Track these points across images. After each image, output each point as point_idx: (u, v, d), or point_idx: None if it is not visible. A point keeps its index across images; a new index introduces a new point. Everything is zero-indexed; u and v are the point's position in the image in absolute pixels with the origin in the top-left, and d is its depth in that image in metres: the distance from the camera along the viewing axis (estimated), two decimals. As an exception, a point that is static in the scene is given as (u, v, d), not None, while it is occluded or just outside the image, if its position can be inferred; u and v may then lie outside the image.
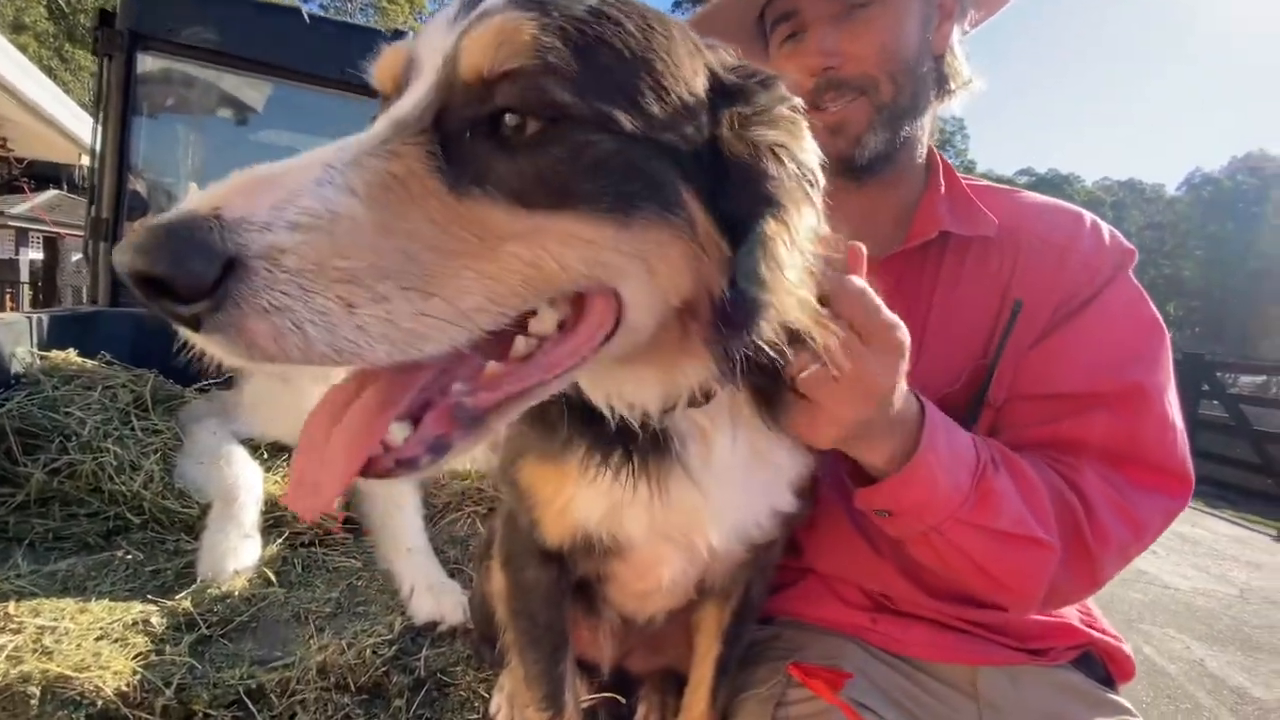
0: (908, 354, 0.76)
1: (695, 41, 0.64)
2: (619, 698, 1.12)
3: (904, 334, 0.75)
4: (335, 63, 2.54)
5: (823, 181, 0.66)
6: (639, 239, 0.56)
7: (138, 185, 2.39)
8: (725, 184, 0.60)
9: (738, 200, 0.61)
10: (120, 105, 2.25)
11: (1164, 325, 1.01)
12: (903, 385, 0.79)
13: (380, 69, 0.61)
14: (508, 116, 0.53)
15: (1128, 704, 1.00)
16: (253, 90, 2.80)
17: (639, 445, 0.75)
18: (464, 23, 0.55)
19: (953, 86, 1.09)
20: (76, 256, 10.51)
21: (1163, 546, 6.20)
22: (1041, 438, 0.95)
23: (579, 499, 0.81)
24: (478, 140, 0.53)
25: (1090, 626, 1.06)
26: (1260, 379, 15.31)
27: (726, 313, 0.61)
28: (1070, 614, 1.06)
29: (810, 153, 0.65)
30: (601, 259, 0.55)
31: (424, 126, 0.53)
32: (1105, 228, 1.06)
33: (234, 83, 2.70)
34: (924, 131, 1.10)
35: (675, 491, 0.78)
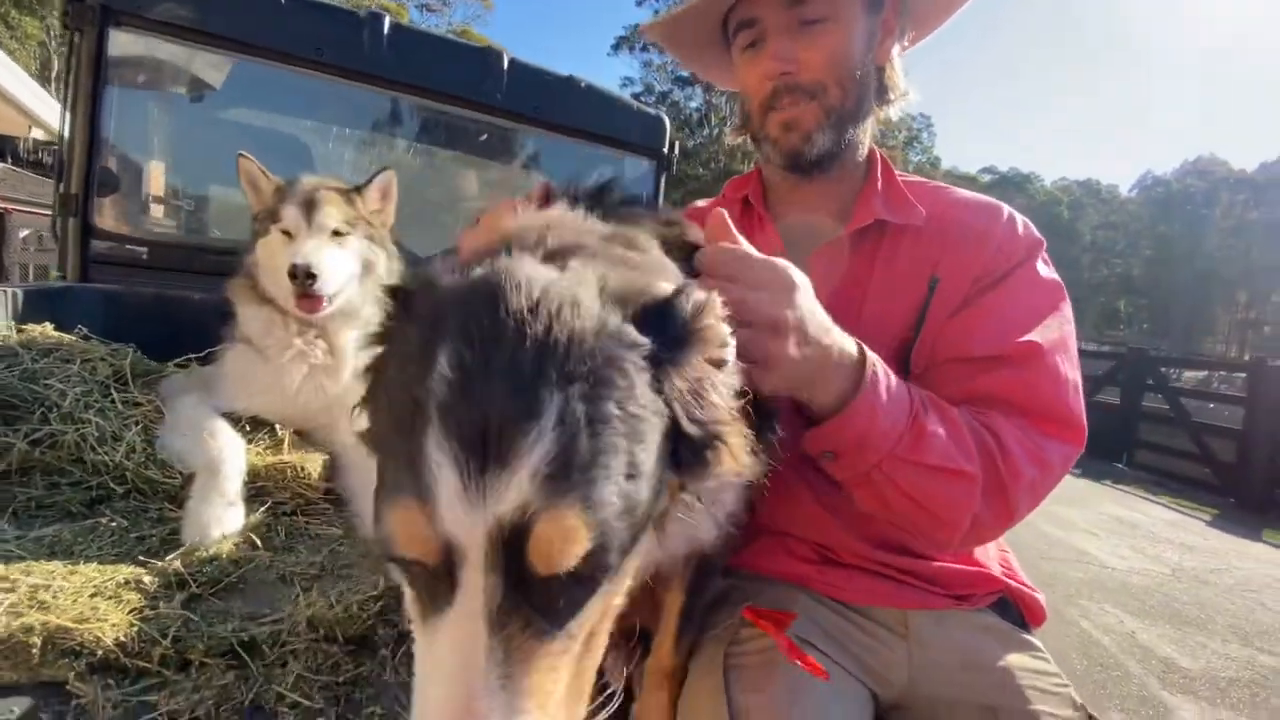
0: (799, 284, 0.86)
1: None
2: None
3: (785, 267, 0.85)
4: (309, 42, 2.54)
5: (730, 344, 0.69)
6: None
7: (109, 161, 2.37)
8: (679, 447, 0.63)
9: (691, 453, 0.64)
10: (91, 81, 2.22)
11: (1066, 296, 1.16)
12: (822, 321, 0.89)
13: (408, 541, 0.55)
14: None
15: (1038, 643, 1.14)
16: (212, 69, 2.77)
17: None
18: (498, 506, 0.51)
19: (892, 97, 1.25)
20: (25, 232, 10.10)
21: (1102, 529, 6.56)
22: (958, 395, 1.08)
23: None
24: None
25: (1009, 576, 1.20)
26: (1203, 374, 16.08)
27: None
28: (992, 565, 1.19)
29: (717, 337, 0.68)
30: None
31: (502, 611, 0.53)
32: (1020, 219, 1.20)
33: (192, 60, 2.68)
34: (865, 134, 1.27)
35: None
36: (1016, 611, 1.19)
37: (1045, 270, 1.17)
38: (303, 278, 1.70)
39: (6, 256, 8.51)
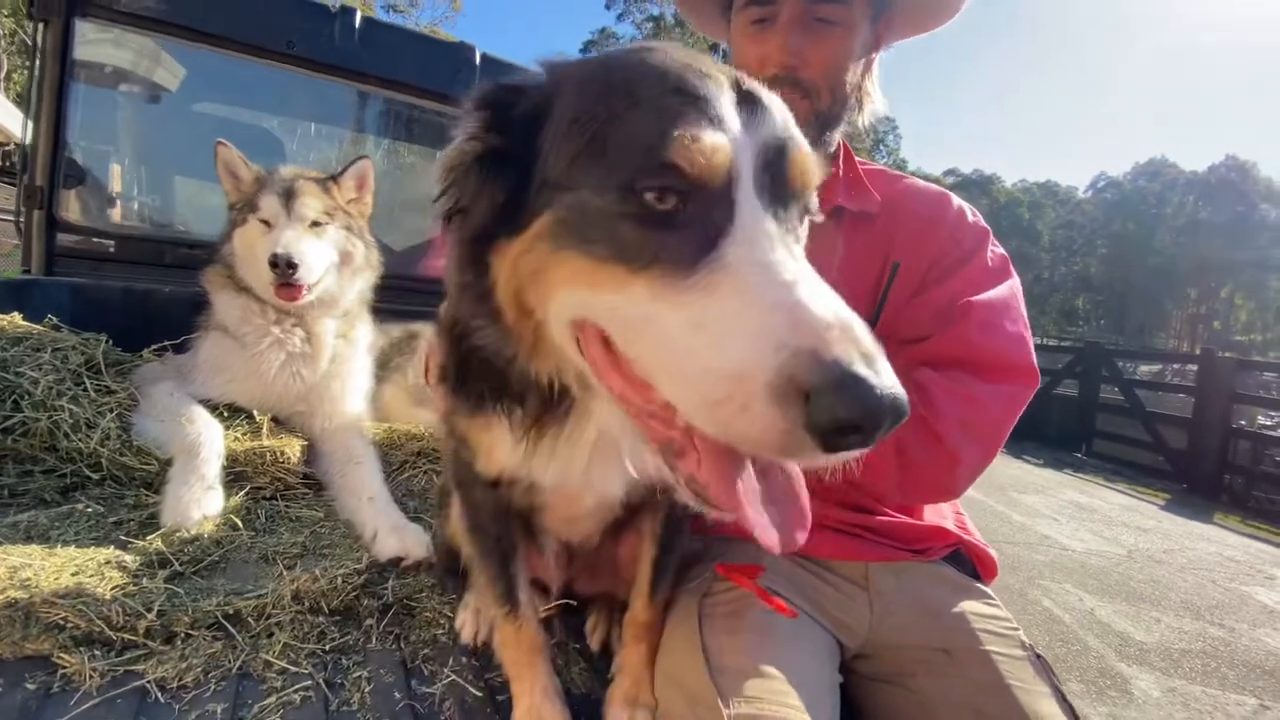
0: None
1: None
2: (572, 602, 1.27)
3: None
4: (279, 34, 2.54)
5: None
6: None
7: (74, 154, 2.34)
8: None
9: None
10: (57, 72, 2.20)
11: (1011, 268, 1.24)
12: None
13: (710, 159, 0.61)
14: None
15: (990, 591, 1.22)
16: (167, 72, 2.74)
17: (538, 413, 0.87)
18: (770, 137, 0.66)
19: (864, 106, 1.29)
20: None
21: (1063, 515, 6.79)
22: (910, 369, 1.16)
23: (498, 447, 0.94)
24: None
25: (963, 530, 1.27)
26: (1157, 366, 16.71)
27: None
28: (947, 521, 1.27)
29: None
30: None
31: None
32: (968, 208, 1.29)
33: (147, 63, 2.65)
34: (837, 135, 1.31)
35: (565, 451, 0.90)
36: (970, 564, 1.27)
37: (992, 252, 1.24)
38: (284, 267, 1.72)
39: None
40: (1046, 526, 6.30)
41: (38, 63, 2.20)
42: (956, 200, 1.31)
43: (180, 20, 2.37)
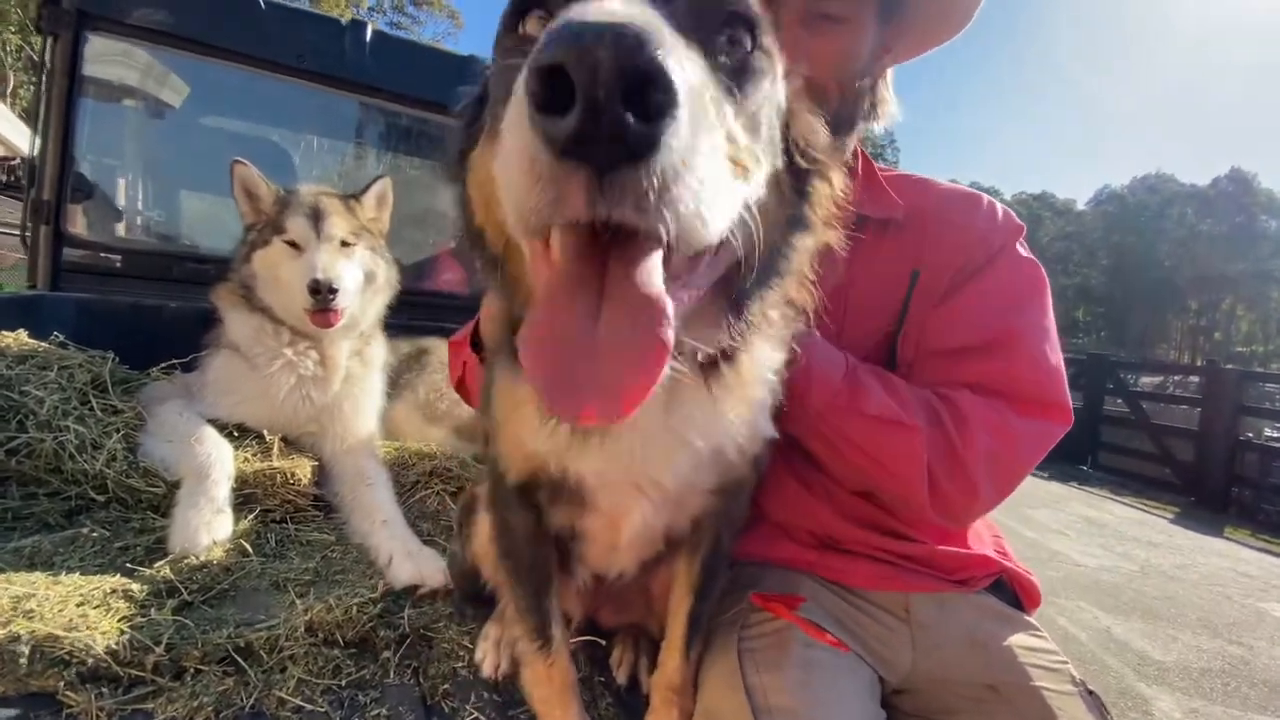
0: None
1: None
2: (599, 640, 1.22)
3: None
4: (288, 48, 2.52)
5: None
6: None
7: (81, 168, 2.31)
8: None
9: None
10: (65, 86, 2.17)
11: (1046, 280, 1.18)
12: None
13: None
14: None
15: (1035, 622, 1.17)
16: (170, 90, 2.73)
17: None
18: None
19: (880, 112, 1.24)
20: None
21: (1072, 530, 6.72)
22: (941, 384, 1.11)
23: (529, 424, 0.83)
24: None
25: (1003, 556, 1.22)
26: (1159, 378, 16.64)
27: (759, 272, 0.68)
28: (987, 549, 1.22)
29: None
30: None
31: None
32: (1000, 207, 1.23)
33: (153, 80, 2.63)
34: (853, 141, 1.26)
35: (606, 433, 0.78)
36: (1012, 593, 1.22)
37: (1024, 254, 1.19)
38: (325, 293, 1.69)
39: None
40: (1057, 542, 6.22)
41: (45, 78, 2.17)
42: (987, 199, 1.25)
43: (190, 34, 2.35)
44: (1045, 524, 6.81)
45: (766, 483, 1.18)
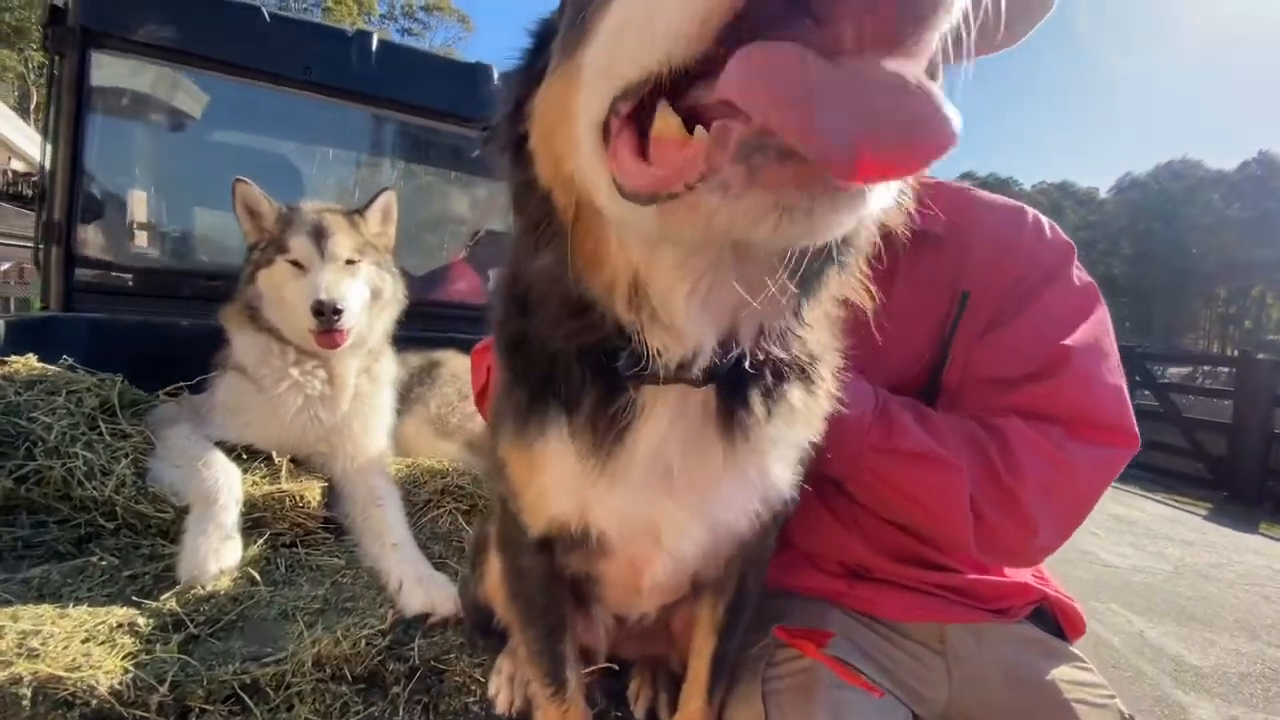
0: None
1: None
2: (613, 665, 1.17)
3: None
4: (296, 62, 2.51)
5: None
6: None
7: (91, 187, 2.31)
8: None
9: None
10: (73, 105, 2.17)
11: (1102, 301, 1.10)
12: None
13: None
14: None
15: (1079, 653, 1.10)
16: (190, 99, 2.73)
17: (603, 415, 0.72)
18: None
19: None
20: (6, 265, 9.95)
21: (1101, 528, 6.55)
22: (990, 412, 1.05)
23: (549, 487, 0.80)
24: None
25: (1043, 582, 1.15)
26: (1187, 369, 16.24)
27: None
28: (1025, 575, 1.15)
29: None
30: None
31: None
32: (1046, 222, 1.15)
33: (170, 91, 2.63)
34: None
35: (638, 478, 0.74)
36: (1054, 622, 1.15)
37: (1078, 277, 1.11)
38: (329, 314, 1.66)
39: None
40: (1086, 541, 6.06)
41: (52, 98, 2.17)
42: (1032, 213, 1.16)
43: (195, 49, 2.34)
44: (1073, 523, 6.66)
45: (798, 515, 1.12)
